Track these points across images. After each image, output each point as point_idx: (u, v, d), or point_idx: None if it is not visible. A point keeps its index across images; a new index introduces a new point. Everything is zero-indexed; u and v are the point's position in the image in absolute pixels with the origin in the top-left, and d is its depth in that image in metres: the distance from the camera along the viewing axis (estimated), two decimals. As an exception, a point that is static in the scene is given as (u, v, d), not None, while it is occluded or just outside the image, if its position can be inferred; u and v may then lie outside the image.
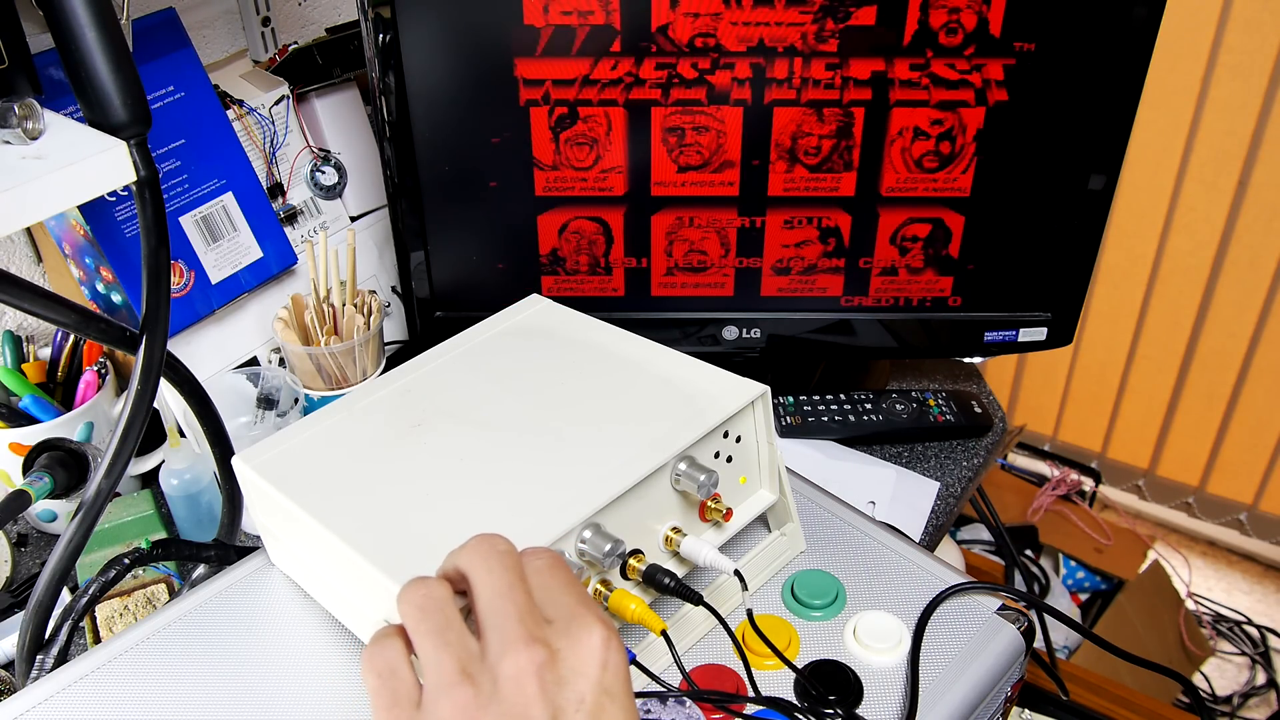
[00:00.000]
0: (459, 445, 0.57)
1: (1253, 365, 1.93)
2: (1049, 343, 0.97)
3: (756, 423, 0.60)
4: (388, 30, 0.84)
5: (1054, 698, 0.90)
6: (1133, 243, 1.95)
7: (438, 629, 0.39)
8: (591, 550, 0.51)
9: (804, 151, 0.89)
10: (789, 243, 0.94)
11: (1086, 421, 2.16)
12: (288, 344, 0.90)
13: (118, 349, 0.60)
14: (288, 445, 0.59)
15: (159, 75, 0.90)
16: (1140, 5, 0.81)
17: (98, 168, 0.53)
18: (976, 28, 0.83)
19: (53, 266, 0.97)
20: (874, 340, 0.98)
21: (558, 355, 0.65)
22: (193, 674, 0.56)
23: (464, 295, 0.97)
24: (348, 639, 0.57)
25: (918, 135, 0.88)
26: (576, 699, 0.38)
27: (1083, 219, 0.91)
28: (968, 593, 0.60)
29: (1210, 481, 2.08)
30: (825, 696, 0.54)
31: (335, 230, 1.05)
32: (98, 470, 0.59)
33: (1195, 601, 1.97)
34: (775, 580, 0.62)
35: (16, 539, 0.90)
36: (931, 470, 0.96)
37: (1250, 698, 1.83)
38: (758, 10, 0.83)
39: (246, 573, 0.62)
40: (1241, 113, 1.76)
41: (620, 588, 0.52)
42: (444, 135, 0.89)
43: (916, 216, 0.92)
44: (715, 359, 0.63)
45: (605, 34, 0.84)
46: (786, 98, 0.87)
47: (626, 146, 0.89)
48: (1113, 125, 0.87)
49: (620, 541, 0.51)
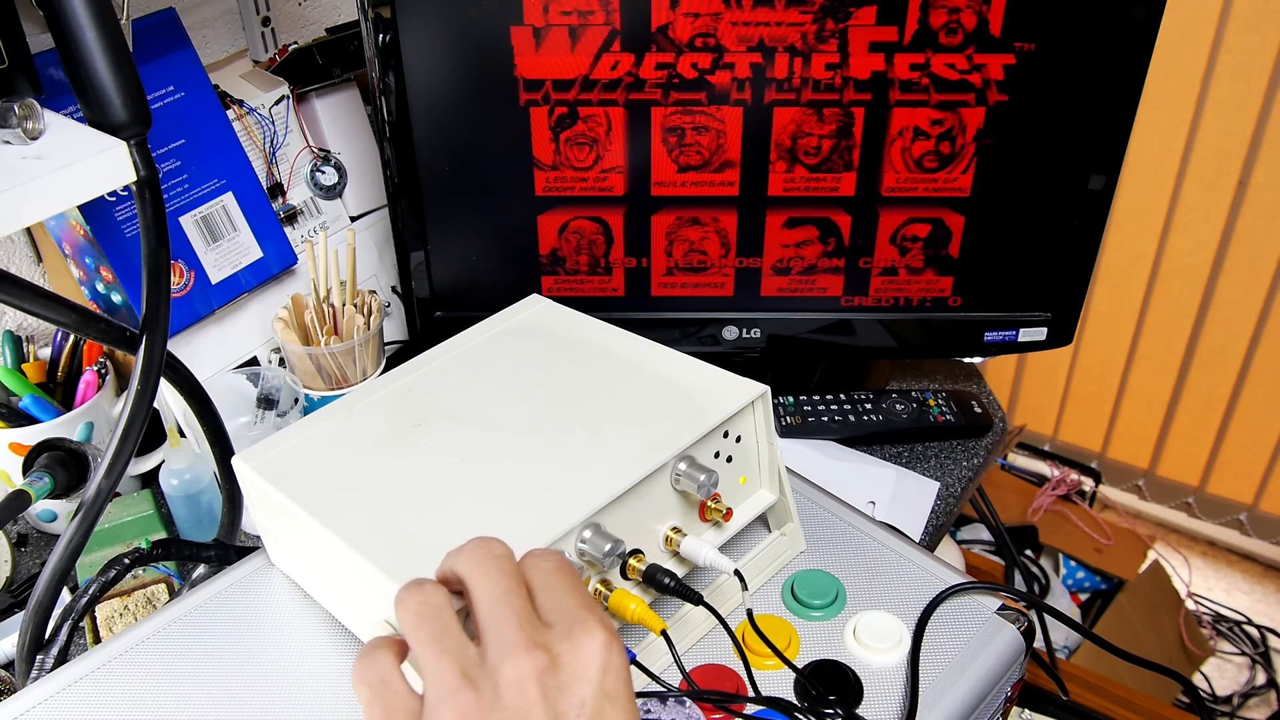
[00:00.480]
0: (459, 445, 0.57)
1: (1253, 365, 1.93)
2: (1049, 343, 0.97)
3: (756, 423, 0.60)
4: (388, 30, 0.84)
5: (1054, 698, 0.90)
6: (1133, 243, 1.95)
7: (435, 635, 0.39)
8: (591, 550, 0.51)
9: (804, 151, 0.89)
10: (789, 243, 0.94)
11: (1086, 421, 2.16)
12: (288, 344, 0.90)
13: (118, 349, 0.60)
14: (288, 445, 0.59)
15: (159, 75, 0.90)
16: (1140, 5, 0.81)
17: (98, 168, 0.53)
18: (976, 27, 0.83)
19: (53, 266, 0.97)
20: (874, 340, 0.98)
21: (558, 355, 0.65)
22: (193, 674, 0.56)
23: (464, 295, 0.97)
24: (348, 639, 0.57)
25: (918, 135, 0.88)
26: (578, 703, 0.38)
27: (1083, 219, 0.91)
28: (968, 593, 0.60)
29: (1210, 481, 2.08)
30: (825, 696, 0.54)
31: (335, 230, 1.05)
32: (98, 470, 0.59)
33: (1195, 601, 1.97)
34: (775, 580, 0.62)
35: (16, 539, 0.90)
36: (931, 470, 0.96)
37: (1250, 698, 1.83)
38: (758, 10, 0.83)
39: (246, 573, 0.62)
40: (1241, 113, 1.76)
41: (620, 588, 0.52)
42: (444, 135, 0.89)
43: (916, 216, 0.92)
44: (715, 359, 0.63)
45: (605, 34, 0.84)
46: (786, 98, 0.87)
47: (626, 146, 0.89)
48: (1113, 125, 0.87)
49: (620, 541, 0.51)
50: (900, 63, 0.85)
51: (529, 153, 0.90)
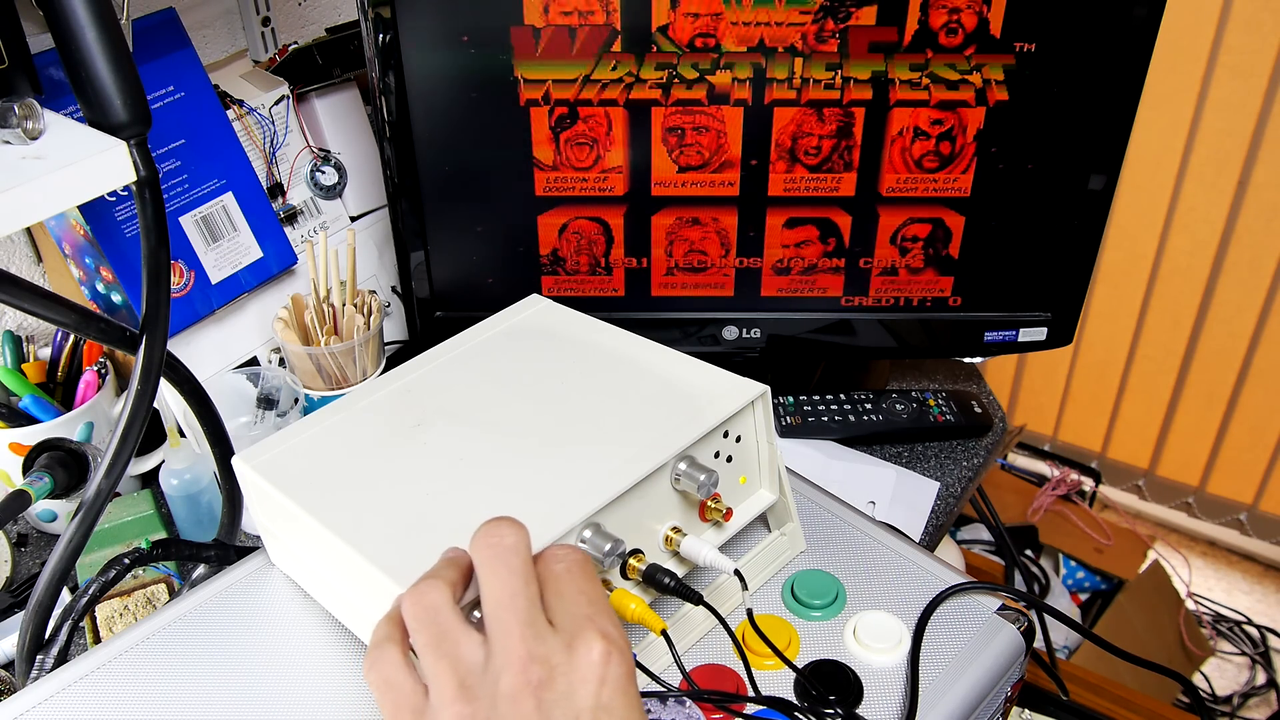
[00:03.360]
0: (459, 445, 0.57)
1: (1253, 365, 1.93)
2: (1049, 343, 0.97)
3: (756, 423, 0.60)
4: (388, 30, 0.84)
5: (1054, 698, 0.90)
6: (1133, 243, 1.95)
7: (434, 640, 0.40)
8: (591, 550, 0.51)
9: (804, 151, 0.89)
10: (789, 243, 0.94)
11: (1086, 421, 2.16)
12: (288, 344, 0.90)
13: (118, 349, 0.60)
14: (288, 445, 0.59)
15: (159, 75, 0.90)
16: (1140, 5, 0.81)
17: (98, 168, 0.53)
18: (977, 28, 0.83)
19: (53, 266, 0.97)
20: (874, 340, 0.98)
21: (558, 355, 0.65)
22: (193, 674, 0.56)
23: (464, 295, 0.97)
24: (348, 639, 0.57)
25: (918, 135, 0.88)
26: (572, 717, 0.38)
27: (1083, 219, 0.91)
28: (968, 593, 0.60)
29: (1210, 481, 2.08)
30: (825, 696, 0.54)
31: (335, 230, 1.05)
32: (98, 470, 0.59)
33: (1195, 601, 1.97)
34: (775, 580, 0.62)
35: (16, 539, 0.90)
36: (931, 470, 0.96)
37: (1250, 698, 1.83)
38: (758, 10, 0.83)
39: (246, 573, 0.62)
40: (1241, 113, 1.76)
41: (620, 588, 0.52)
42: (444, 135, 0.89)
43: (916, 216, 0.92)
44: (715, 359, 0.63)
45: (605, 34, 0.84)
46: (786, 98, 0.87)
47: (627, 146, 0.89)
48: (1113, 125, 0.87)
49: (620, 541, 0.51)
50: (900, 63, 0.85)
51: (529, 153, 0.90)
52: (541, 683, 0.38)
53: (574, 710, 0.38)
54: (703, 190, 0.91)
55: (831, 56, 0.85)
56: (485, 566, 0.41)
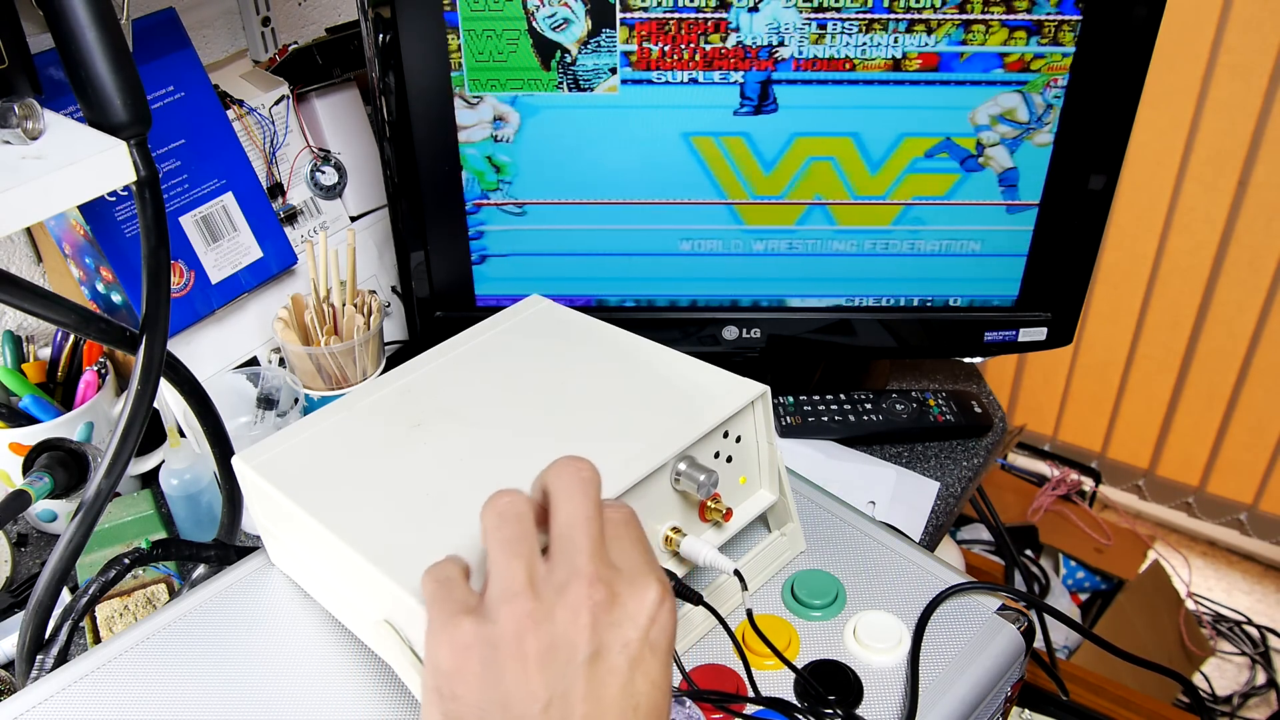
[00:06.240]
0: (459, 445, 0.57)
1: (1253, 365, 1.93)
2: (1049, 343, 0.97)
3: (756, 423, 0.60)
4: (388, 30, 0.84)
5: (1054, 698, 0.90)
6: (1133, 243, 1.95)
7: (512, 539, 0.41)
8: (591, 550, 0.51)
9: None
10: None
11: (1086, 421, 2.16)
12: (288, 344, 0.90)
13: (118, 349, 0.60)
14: (288, 445, 0.59)
15: (159, 75, 0.90)
16: (1140, 5, 0.81)
17: (98, 168, 0.53)
18: (976, 28, 0.83)
19: (53, 266, 0.97)
20: (874, 340, 0.98)
21: (557, 355, 0.65)
22: (193, 674, 0.56)
23: (464, 295, 0.97)
24: (348, 639, 0.57)
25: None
26: (622, 643, 0.40)
27: (1083, 219, 0.91)
28: (968, 593, 0.60)
29: (1210, 481, 2.08)
30: (825, 696, 0.54)
31: (335, 230, 1.05)
32: (98, 470, 0.59)
33: (1195, 601, 1.97)
34: (775, 580, 0.62)
35: (16, 539, 0.90)
36: (931, 470, 0.96)
37: (1250, 698, 1.83)
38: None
39: (246, 573, 0.62)
40: (1241, 113, 1.76)
41: (620, 588, 0.52)
42: (444, 135, 0.89)
43: (916, 216, 0.92)
44: (715, 359, 0.63)
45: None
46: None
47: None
48: (1113, 125, 0.87)
49: (620, 541, 0.51)
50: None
51: (529, 153, 0.90)
52: (601, 603, 0.39)
53: (624, 638, 0.40)
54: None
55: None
56: (563, 490, 0.42)
